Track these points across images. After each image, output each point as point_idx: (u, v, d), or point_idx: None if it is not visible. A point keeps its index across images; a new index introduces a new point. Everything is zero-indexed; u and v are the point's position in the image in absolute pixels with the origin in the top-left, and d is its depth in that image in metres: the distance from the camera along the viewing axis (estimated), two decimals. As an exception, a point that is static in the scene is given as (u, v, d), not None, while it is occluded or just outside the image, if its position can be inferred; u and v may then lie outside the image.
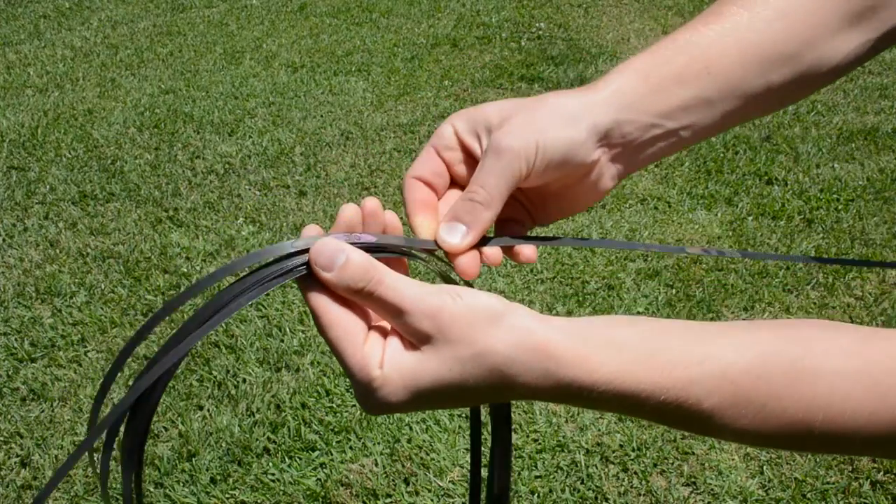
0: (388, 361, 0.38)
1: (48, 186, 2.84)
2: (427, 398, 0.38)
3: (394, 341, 0.39)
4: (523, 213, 0.49)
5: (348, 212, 0.41)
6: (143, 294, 2.19)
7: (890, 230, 2.35)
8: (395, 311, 0.38)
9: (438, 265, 0.45)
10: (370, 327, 0.40)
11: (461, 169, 0.46)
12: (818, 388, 0.35)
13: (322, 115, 3.38)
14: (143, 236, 2.49)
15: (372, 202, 0.42)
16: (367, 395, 0.38)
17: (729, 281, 2.14)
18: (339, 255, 0.38)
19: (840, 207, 2.49)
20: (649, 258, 2.25)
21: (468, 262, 0.44)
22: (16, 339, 2.04)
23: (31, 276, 2.31)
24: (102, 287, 2.24)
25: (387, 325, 0.40)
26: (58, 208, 2.69)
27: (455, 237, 0.43)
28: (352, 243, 0.40)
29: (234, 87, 3.74)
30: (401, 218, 0.44)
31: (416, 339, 0.38)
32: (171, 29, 4.73)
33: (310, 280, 0.39)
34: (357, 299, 0.38)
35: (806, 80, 0.47)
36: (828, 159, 2.80)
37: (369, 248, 0.40)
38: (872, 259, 2.21)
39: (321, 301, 0.38)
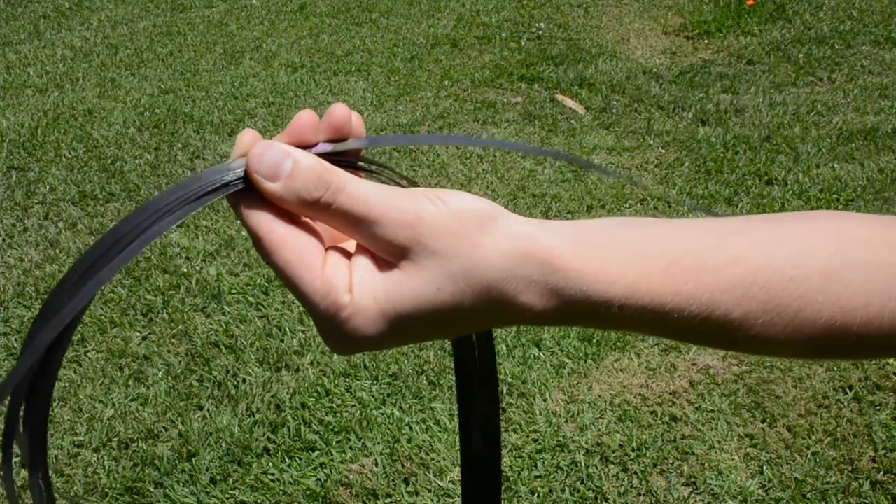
0: (358, 285, 0.31)
1: (48, 186, 2.84)
2: (409, 327, 0.31)
3: (362, 260, 0.32)
4: None
5: (302, 119, 0.33)
6: (142, 294, 2.19)
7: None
8: (361, 223, 0.31)
9: (405, 179, 0.38)
10: (326, 248, 0.33)
11: None
12: (856, 285, 0.31)
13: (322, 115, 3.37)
14: (143, 236, 2.49)
15: (341, 110, 0.34)
16: (336, 329, 0.31)
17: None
18: (284, 160, 0.31)
19: (840, 207, 2.49)
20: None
21: None
22: (16, 340, 2.04)
23: (31, 276, 2.31)
24: (102, 287, 2.24)
25: (348, 246, 0.34)
26: (58, 208, 2.69)
27: None
28: None
29: (234, 87, 3.74)
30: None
31: (390, 254, 0.31)
32: (171, 29, 4.73)
33: (246, 196, 0.32)
34: (311, 214, 0.31)
35: None
36: (828, 159, 2.80)
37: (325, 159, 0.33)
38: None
39: (263, 219, 0.31)
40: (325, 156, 0.33)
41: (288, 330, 2.01)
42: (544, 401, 1.76)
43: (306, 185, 0.30)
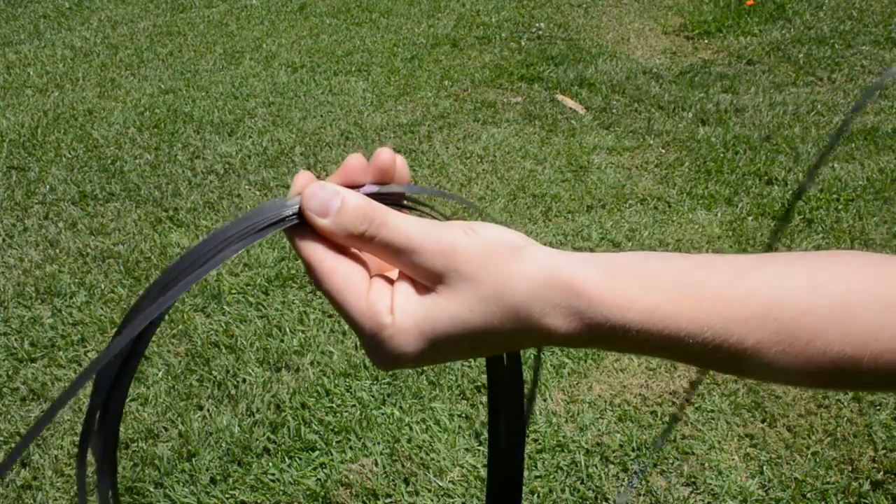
0: (398, 307, 0.35)
1: (48, 186, 2.84)
2: (445, 346, 0.35)
3: (403, 285, 0.35)
4: None
5: (352, 162, 0.37)
6: (143, 294, 2.19)
7: (890, 230, 2.35)
8: (402, 253, 0.34)
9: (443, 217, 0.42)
10: (371, 276, 0.37)
11: None
12: (866, 320, 0.33)
13: (322, 115, 3.38)
14: (143, 236, 2.49)
15: (386, 154, 0.37)
16: (379, 347, 0.35)
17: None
18: (334, 198, 0.35)
19: (840, 207, 2.50)
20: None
21: None
22: (16, 339, 2.04)
23: (31, 276, 2.31)
24: (102, 287, 2.24)
25: (392, 275, 0.37)
26: (58, 208, 2.69)
27: None
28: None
29: (234, 87, 3.74)
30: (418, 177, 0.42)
31: (428, 280, 0.35)
32: (171, 29, 4.73)
33: (301, 230, 0.36)
34: (358, 245, 0.35)
35: None
36: (828, 159, 2.80)
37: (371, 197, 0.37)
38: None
39: (315, 250, 0.35)
40: (372, 195, 0.37)
41: (288, 330, 2.01)
42: (544, 401, 1.76)
43: (353, 220, 0.34)
